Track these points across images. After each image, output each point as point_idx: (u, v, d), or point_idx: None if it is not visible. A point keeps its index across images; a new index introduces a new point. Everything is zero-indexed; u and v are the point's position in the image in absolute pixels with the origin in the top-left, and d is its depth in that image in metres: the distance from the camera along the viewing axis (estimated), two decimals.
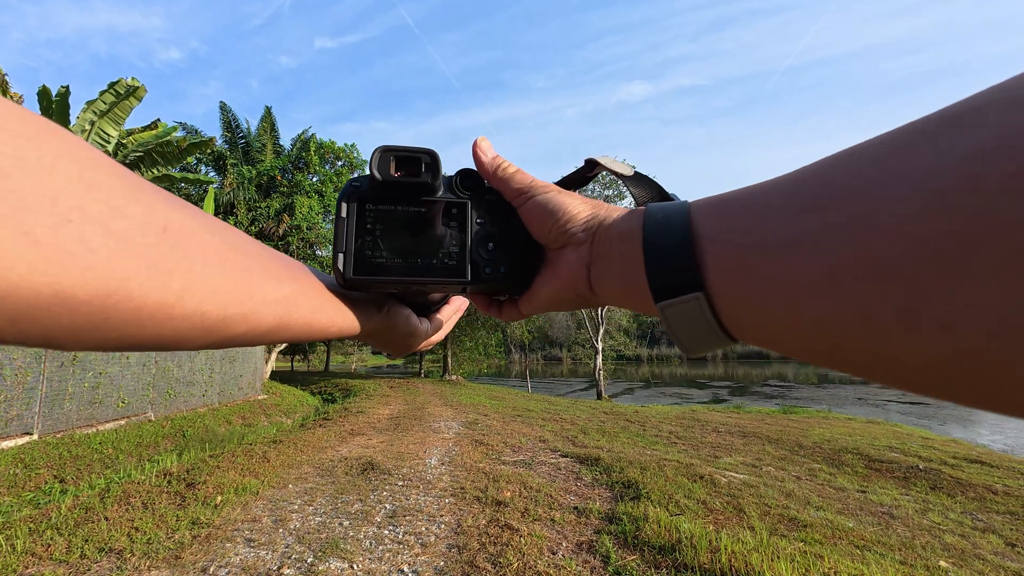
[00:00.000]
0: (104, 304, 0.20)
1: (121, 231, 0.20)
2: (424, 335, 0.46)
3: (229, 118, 20.01)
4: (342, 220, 0.36)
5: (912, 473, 5.80)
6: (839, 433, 8.36)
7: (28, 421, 6.04)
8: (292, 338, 0.33)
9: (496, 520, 3.18)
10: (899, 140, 0.19)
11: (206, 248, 0.24)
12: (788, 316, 0.21)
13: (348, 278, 0.35)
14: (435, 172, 0.36)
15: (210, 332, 0.26)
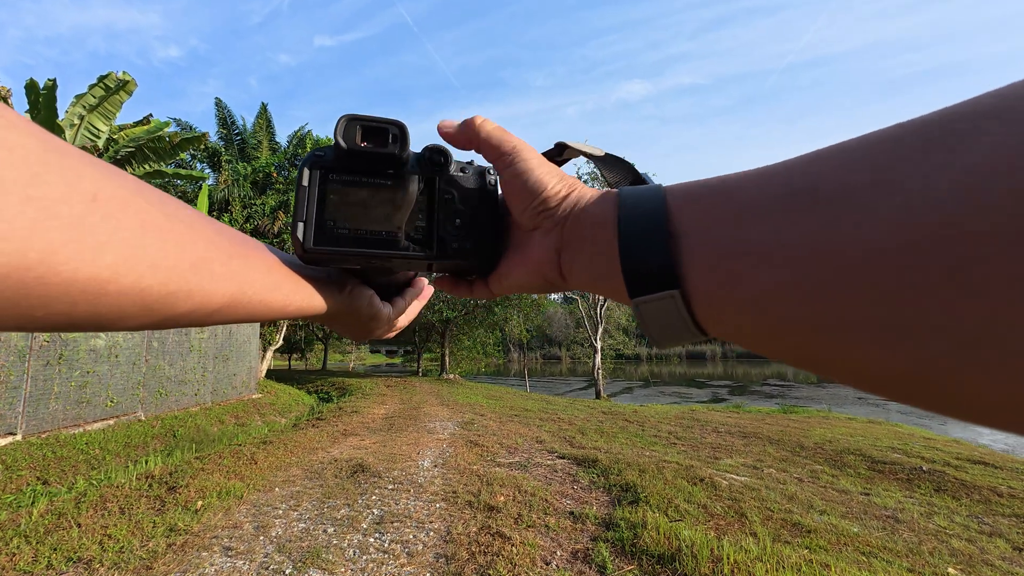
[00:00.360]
0: (24, 279, 0.18)
1: (42, 198, 0.18)
2: (387, 319, 0.45)
3: (225, 114, 19.85)
4: (303, 188, 0.34)
5: (915, 475, 5.72)
6: (840, 433, 8.29)
7: (11, 421, 5.89)
8: (247, 317, 0.31)
9: (488, 527, 3.04)
10: (895, 144, 0.18)
11: (144, 219, 0.23)
12: (760, 319, 0.21)
13: (308, 248, 0.33)
14: (403, 144, 0.35)
15: (151, 310, 0.24)
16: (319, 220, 0.34)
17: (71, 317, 0.21)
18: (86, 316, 0.22)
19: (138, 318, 0.24)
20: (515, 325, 21.64)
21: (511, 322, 21.45)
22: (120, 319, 0.23)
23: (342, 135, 0.34)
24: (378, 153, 0.35)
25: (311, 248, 0.34)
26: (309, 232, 0.34)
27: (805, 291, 0.19)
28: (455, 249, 0.36)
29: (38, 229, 0.18)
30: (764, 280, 0.20)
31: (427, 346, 23.25)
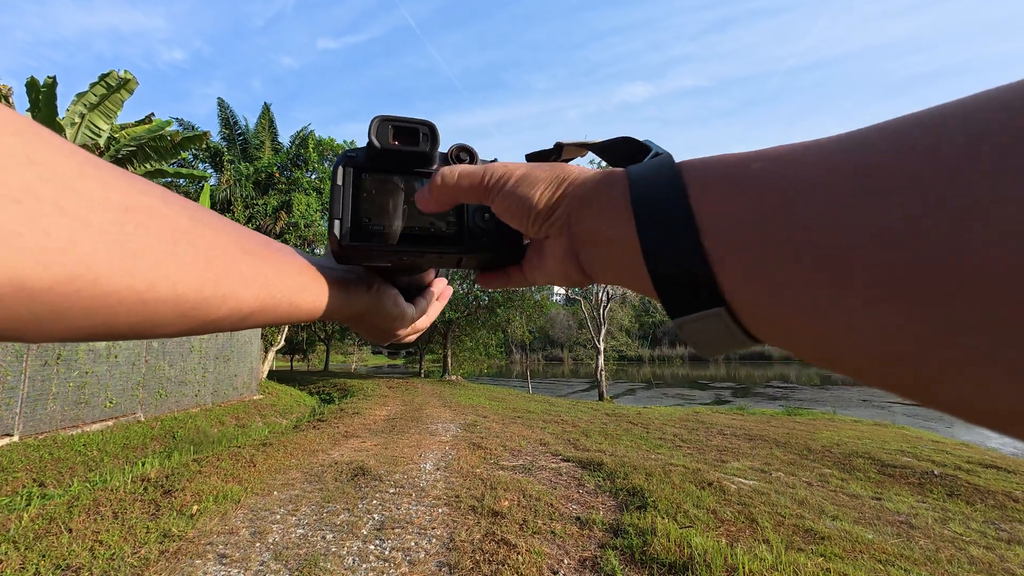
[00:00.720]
0: (66, 291, 0.18)
1: (79, 212, 0.18)
2: (411, 319, 0.45)
3: (227, 115, 19.81)
4: (338, 187, 0.35)
5: (927, 479, 5.62)
6: (847, 436, 8.20)
7: (8, 422, 5.81)
8: (277, 320, 0.32)
9: (492, 534, 2.94)
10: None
11: (174, 228, 0.23)
12: (833, 336, 0.17)
13: (344, 244, 0.34)
14: (433, 142, 0.36)
15: (187, 316, 0.24)
16: (354, 217, 0.35)
17: (111, 327, 0.22)
18: (126, 325, 0.22)
19: (175, 325, 0.24)
20: (517, 326, 21.55)
21: (513, 323, 21.35)
22: (157, 327, 0.24)
23: (375, 135, 0.35)
24: (409, 152, 0.36)
25: (347, 244, 0.34)
26: (345, 229, 0.34)
27: (907, 306, 0.15)
28: (484, 242, 0.37)
29: (76, 241, 0.18)
30: (838, 292, 0.16)
31: (429, 347, 23.19)
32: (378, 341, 0.46)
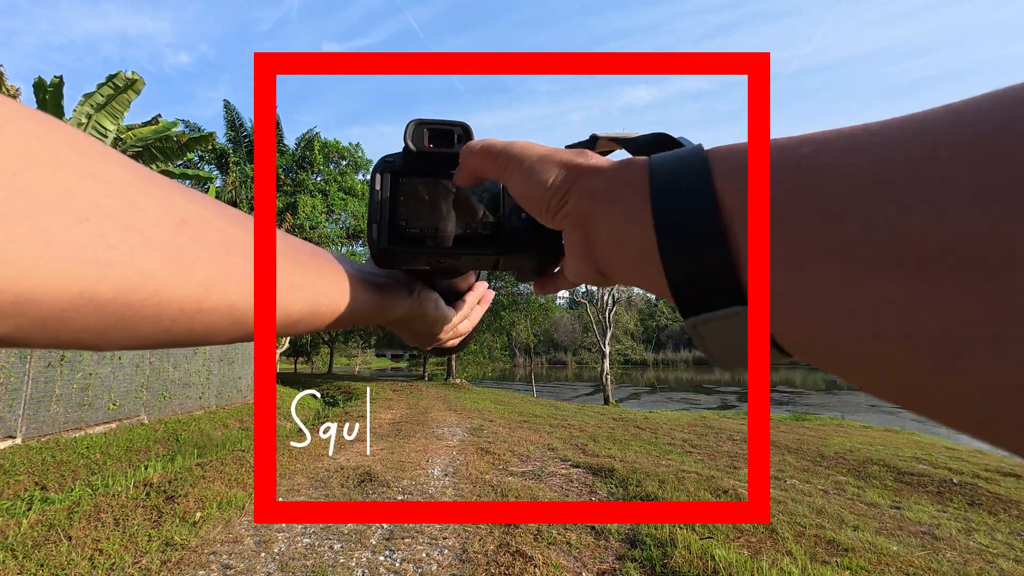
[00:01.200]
0: (130, 301, 0.19)
1: (139, 226, 0.20)
2: (453, 323, 0.45)
3: (233, 117, 19.84)
4: (376, 192, 0.36)
5: (946, 487, 5.49)
6: (859, 442, 8.07)
7: (11, 424, 5.75)
8: (323, 326, 0.32)
9: (506, 545, 2.83)
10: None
11: (227, 238, 0.24)
12: (922, 368, 0.15)
13: (383, 248, 0.35)
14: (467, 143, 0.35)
15: (240, 323, 0.25)
16: (392, 222, 0.35)
17: (171, 334, 0.23)
18: (184, 332, 0.23)
19: (228, 332, 0.25)
20: (522, 329, 21.45)
21: (518, 326, 21.25)
22: (212, 334, 0.25)
23: (411, 138, 0.36)
24: (444, 153, 0.36)
25: (385, 248, 0.35)
26: (383, 233, 0.35)
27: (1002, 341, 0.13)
28: (521, 242, 0.36)
29: (138, 254, 0.19)
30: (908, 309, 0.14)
31: None
32: (421, 345, 0.46)
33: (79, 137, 0.19)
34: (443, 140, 0.36)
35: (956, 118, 0.15)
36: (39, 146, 0.17)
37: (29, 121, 0.17)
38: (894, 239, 0.15)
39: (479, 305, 0.50)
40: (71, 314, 0.18)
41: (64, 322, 0.18)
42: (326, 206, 17.78)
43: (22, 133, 0.17)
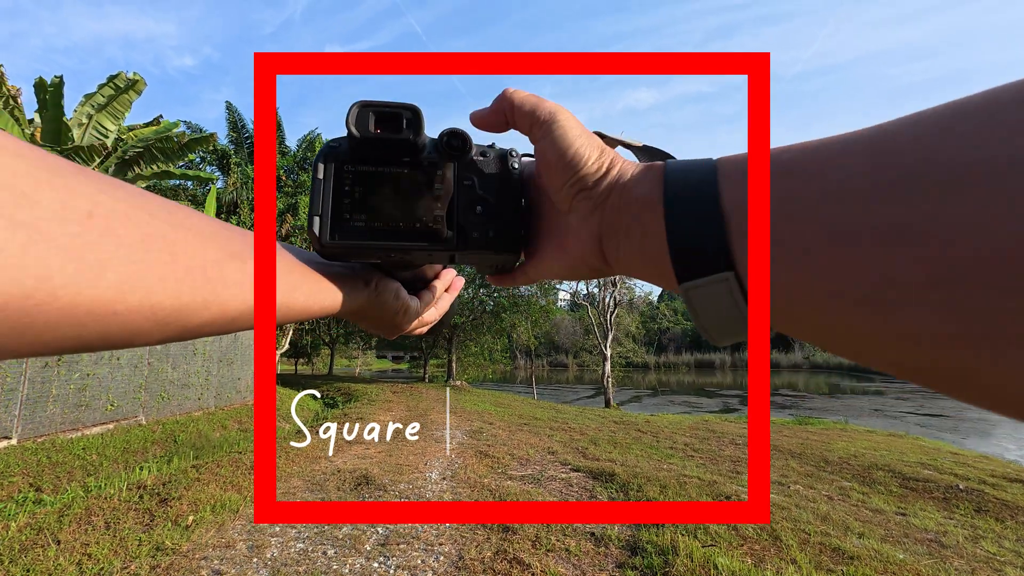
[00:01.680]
0: (23, 307, 0.17)
1: (31, 222, 0.17)
2: (415, 313, 0.43)
3: (235, 118, 19.89)
4: (318, 181, 0.33)
5: (952, 494, 5.43)
6: (863, 447, 8.00)
7: (7, 424, 5.70)
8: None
9: (503, 551, 2.77)
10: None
11: (147, 232, 0.22)
12: (859, 322, 0.18)
13: (325, 243, 0.33)
14: (417, 129, 0.34)
15: (166, 324, 0.23)
16: (335, 214, 0.33)
17: (82, 339, 0.21)
18: (97, 337, 0.21)
19: (153, 334, 0.23)
20: (523, 332, 21.38)
21: (519, 329, 21.18)
22: (134, 336, 0.23)
23: (354, 123, 0.33)
24: (392, 140, 0.33)
25: (328, 243, 0.33)
26: (325, 226, 0.33)
27: (945, 292, 0.15)
28: (475, 239, 0.34)
29: (30, 254, 0.17)
30: (870, 276, 0.17)
31: (434, 352, 23.03)
32: (384, 335, 0.44)
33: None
34: (390, 125, 0.33)
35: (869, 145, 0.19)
36: None
37: None
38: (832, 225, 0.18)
39: (447, 293, 0.48)
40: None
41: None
42: None
43: None
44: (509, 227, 0.35)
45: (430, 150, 0.35)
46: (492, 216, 0.35)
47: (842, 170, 0.19)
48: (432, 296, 0.46)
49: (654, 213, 0.26)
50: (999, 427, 15.20)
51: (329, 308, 0.34)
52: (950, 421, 17.04)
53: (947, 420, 17.27)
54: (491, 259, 0.36)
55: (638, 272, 0.28)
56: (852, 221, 0.18)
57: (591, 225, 0.30)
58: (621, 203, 0.28)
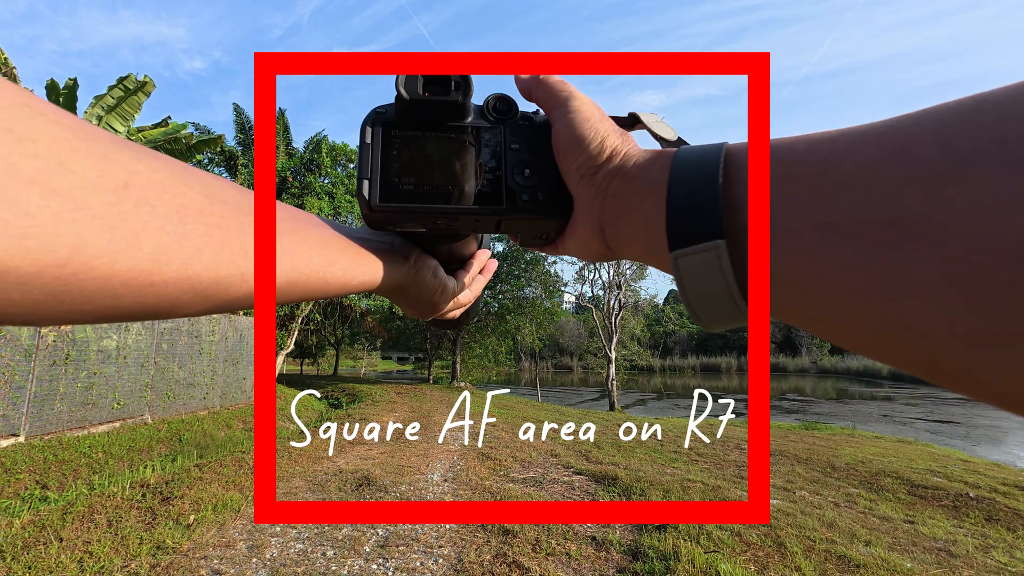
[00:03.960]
0: (60, 275, 0.17)
1: (66, 190, 0.17)
2: (453, 292, 0.43)
3: (243, 120, 20.04)
4: (367, 146, 0.33)
5: (962, 502, 5.33)
6: (871, 453, 7.89)
7: (15, 422, 5.76)
8: (306, 295, 0.30)
9: (503, 555, 2.75)
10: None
11: (182, 203, 0.22)
12: (870, 315, 0.17)
13: (374, 205, 0.32)
14: (466, 92, 0.34)
15: (205, 296, 0.23)
16: (384, 177, 0.33)
17: (120, 309, 0.21)
18: (136, 307, 0.21)
19: (192, 305, 0.23)
20: (527, 334, 21.36)
21: (523, 330, 21.16)
22: (173, 308, 0.23)
23: (404, 86, 0.33)
24: (441, 102, 0.33)
25: (377, 206, 0.33)
26: (375, 189, 0.32)
27: (955, 287, 0.15)
28: (526, 202, 0.34)
29: (64, 223, 0.17)
30: (878, 270, 0.17)
31: (438, 353, 23.05)
32: (420, 315, 0.44)
33: (5, 89, 0.17)
34: (440, 87, 0.33)
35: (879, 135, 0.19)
36: None
37: None
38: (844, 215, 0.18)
39: (481, 275, 0.48)
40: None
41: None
42: (333, 208, 17.85)
43: None
44: (557, 191, 0.34)
45: (476, 115, 0.35)
46: (541, 180, 0.34)
47: (859, 159, 0.19)
48: (469, 276, 0.46)
49: (657, 201, 0.25)
50: (1011, 434, 14.99)
51: (368, 283, 0.34)
52: (961, 428, 16.80)
53: (958, 427, 17.03)
54: (539, 225, 0.36)
55: (637, 255, 0.29)
56: (867, 212, 0.17)
57: (593, 211, 0.31)
58: (622, 191, 0.29)
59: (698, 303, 0.23)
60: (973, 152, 0.15)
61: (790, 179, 0.21)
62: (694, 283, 0.23)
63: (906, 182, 0.17)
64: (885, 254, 0.16)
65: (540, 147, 0.35)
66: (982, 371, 0.15)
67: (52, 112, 0.18)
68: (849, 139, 0.20)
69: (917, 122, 0.18)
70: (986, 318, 0.14)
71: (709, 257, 0.22)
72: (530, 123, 0.36)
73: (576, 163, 0.31)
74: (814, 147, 0.21)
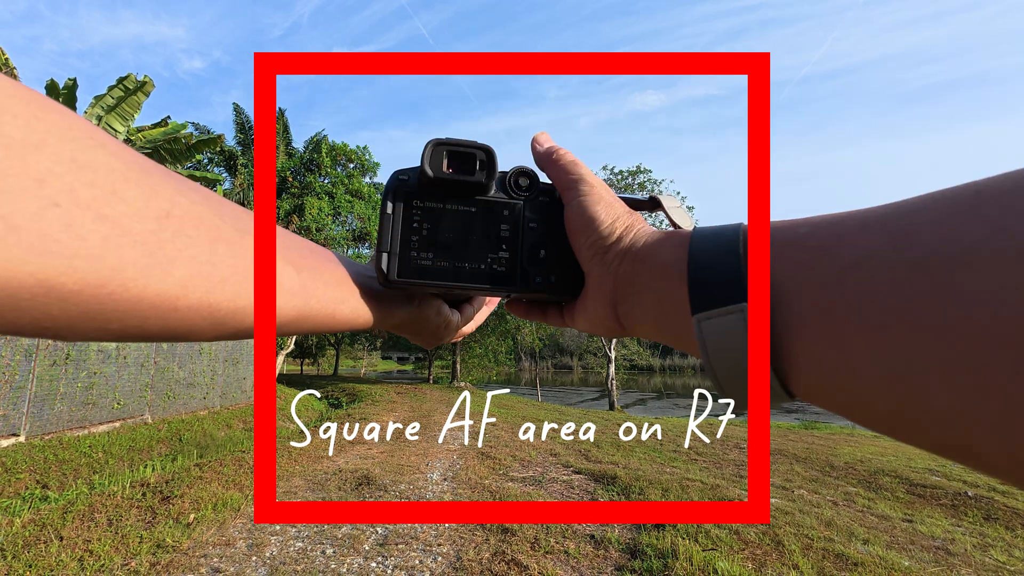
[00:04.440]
0: (97, 295, 0.19)
1: (116, 217, 0.19)
2: (456, 327, 0.44)
3: (243, 120, 20.04)
4: (387, 217, 0.34)
5: (960, 500, 5.34)
6: (870, 452, 7.90)
7: (15, 422, 5.76)
8: (315, 329, 0.32)
9: (502, 553, 2.76)
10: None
11: (215, 235, 0.23)
12: (894, 401, 0.17)
13: (392, 280, 0.33)
14: (490, 171, 0.34)
15: (222, 324, 0.24)
16: (403, 251, 0.34)
17: (144, 330, 0.22)
18: (158, 330, 0.22)
19: (208, 332, 0.24)
20: (527, 334, 21.36)
21: (523, 330, 21.17)
22: (191, 332, 0.24)
23: (429, 162, 0.33)
24: (464, 182, 0.34)
25: (394, 280, 0.33)
26: (393, 264, 0.33)
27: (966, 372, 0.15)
28: (538, 283, 0.35)
29: (110, 247, 0.18)
30: (891, 354, 0.17)
31: (438, 353, 23.05)
32: (423, 345, 0.45)
33: (71, 122, 0.18)
34: (463, 165, 0.34)
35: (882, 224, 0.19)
36: (17, 127, 0.16)
37: (12, 100, 0.16)
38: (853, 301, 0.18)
39: (485, 307, 0.49)
40: (29, 303, 0.17)
41: (22, 311, 0.17)
42: (333, 208, 17.85)
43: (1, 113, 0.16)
44: (568, 273, 0.35)
45: (498, 187, 0.36)
46: (554, 261, 0.35)
47: (862, 246, 0.19)
48: (473, 311, 0.47)
49: (670, 277, 0.26)
50: None
51: (372, 321, 0.35)
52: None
53: None
54: (547, 301, 0.37)
55: (650, 331, 0.29)
56: (874, 298, 0.18)
57: (605, 290, 0.31)
58: (633, 271, 0.29)
59: (721, 367, 0.23)
60: (976, 243, 0.16)
61: (796, 263, 0.21)
62: (717, 346, 0.23)
63: (913, 268, 0.17)
64: (898, 340, 0.17)
65: (555, 226, 0.36)
66: (1010, 456, 0.15)
67: (112, 144, 0.20)
68: (852, 223, 0.20)
69: (917, 210, 0.18)
70: (1003, 403, 0.14)
71: (733, 320, 0.22)
72: (549, 199, 0.36)
73: (587, 243, 0.32)
74: (817, 230, 0.21)
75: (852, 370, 0.18)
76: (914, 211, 0.18)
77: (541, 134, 0.38)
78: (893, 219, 0.19)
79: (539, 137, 0.38)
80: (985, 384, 0.15)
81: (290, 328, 0.29)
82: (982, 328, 0.15)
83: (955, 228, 0.17)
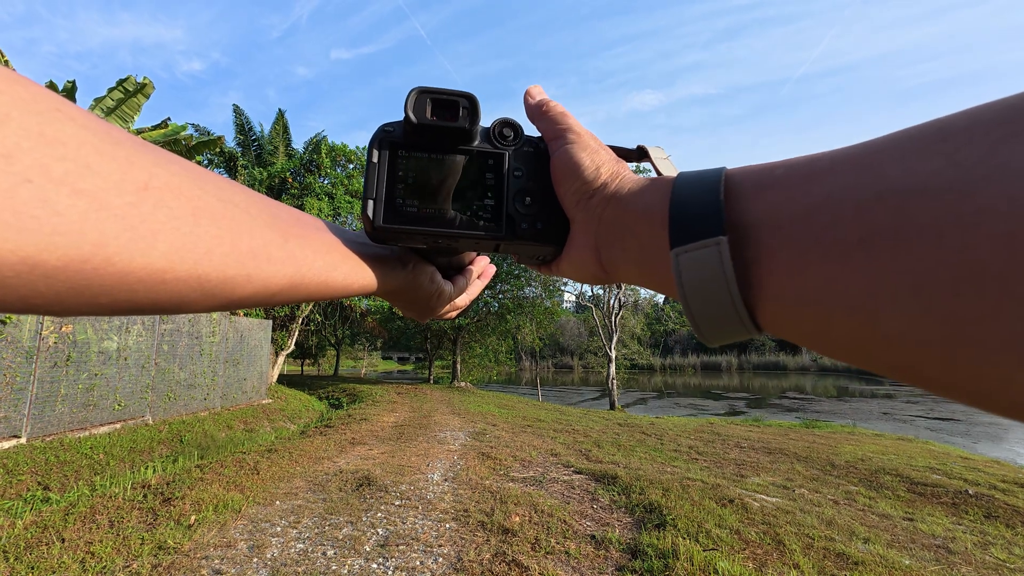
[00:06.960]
0: (82, 270, 0.19)
1: (92, 191, 0.19)
2: (449, 297, 0.45)
3: (242, 121, 20.05)
4: (373, 165, 0.34)
5: (961, 499, 5.34)
6: (871, 451, 7.89)
7: (16, 423, 5.77)
8: (308, 297, 0.31)
9: (503, 553, 2.76)
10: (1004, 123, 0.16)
11: (197, 205, 0.23)
12: (853, 327, 0.18)
13: (377, 226, 0.34)
14: (473, 117, 0.35)
15: (212, 295, 0.24)
16: (388, 198, 0.34)
17: (134, 303, 0.22)
18: (149, 303, 0.22)
19: (199, 303, 0.24)
20: (527, 333, 21.35)
21: (523, 330, 21.16)
22: (181, 304, 0.24)
23: (412, 108, 0.34)
24: (448, 127, 0.34)
25: (380, 226, 0.34)
26: (379, 210, 0.33)
27: (921, 297, 0.16)
28: (524, 230, 0.35)
29: (89, 221, 0.18)
30: (859, 283, 0.18)
31: (439, 353, 23.06)
32: (417, 317, 0.46)
33: (35, 94, 0.18)
34: (447, 112, 0.34)
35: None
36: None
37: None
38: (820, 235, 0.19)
39: (479, 279, 0.50)
40: (14, 280, 0.17)
41: (8, 287, 0.17)
42: (333, 209, 17.84)
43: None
44: (555, 220, 0.35)
45: (482, 138, 0.36)
46: (540, 208, 0.35)
47: (830, 183, 0.20)
48: (466, 282, 0.47)
49: (651, 223, 0.26)
50: (1011, 431, 15.00)
51: (367, 287, 0.35)
52: (961, 425, 16.79)
53: (958, 424, 17.03)
54: (535, 250, 0.37)
55: (633, 276, 0.30)
56: (839, 231, 0.18)
57: (589, 235, 0.32)
58: (617, 215, 0.29)
59: (695, 300, 0.23)
60: (931, 174, 0.16)
61: (770, 202, 0.22)
62: (692, 279, 0.23)
63: (875, 201, 0.18)
64: (858, 269, 0.18)
65: (541, 174, 0.36)
66: (952, 375, 0.16)
67: (81, 116, 0.19)
68: (825, 162, 0.21)
69: (884, 147, 0.19)
70: (953, 327, 0.15)
71: (710, 253, 0.22)
72: (534, 150, 0.36)
73: (572, 189, 0.32)
74: (792, 171, 0.22)
75: (816, 301, 0.19)
76: (882, 148, 0.19)
77: (534, 87, 0.38)
78: (862, 156, 0.20)
79: (532, 90, 0.38)
80: (930, 306, 0.16)
81: (283, 297, 0.29)
82: (929, 253, 0.16)
83: (916, 161, 0.17)
